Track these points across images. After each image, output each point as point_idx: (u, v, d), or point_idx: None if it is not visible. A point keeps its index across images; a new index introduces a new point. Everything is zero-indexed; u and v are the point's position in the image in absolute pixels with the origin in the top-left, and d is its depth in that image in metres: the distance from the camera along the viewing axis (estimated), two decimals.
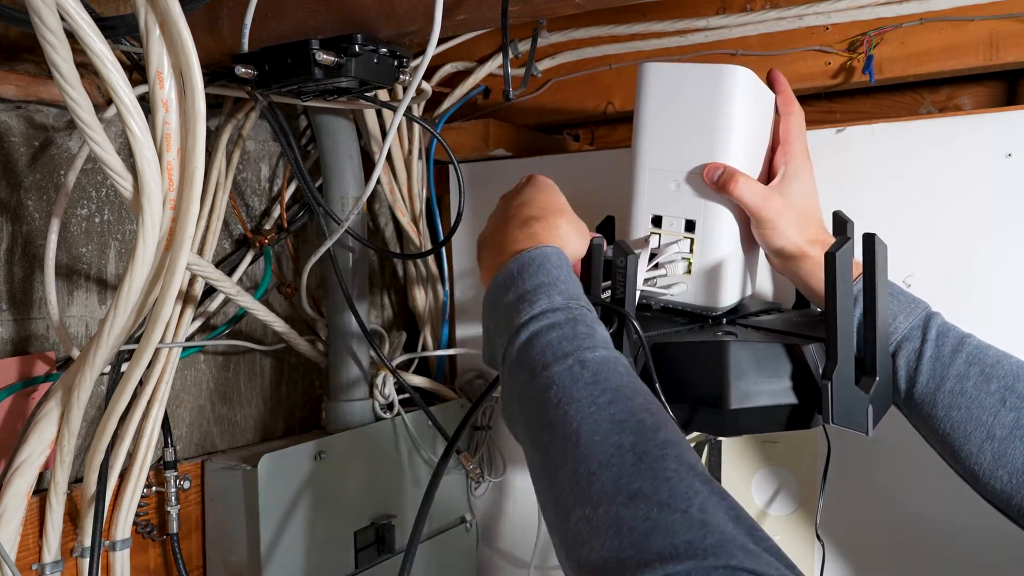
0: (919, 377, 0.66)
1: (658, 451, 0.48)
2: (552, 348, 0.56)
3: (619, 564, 0.43)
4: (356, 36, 0.74)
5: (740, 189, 0.69)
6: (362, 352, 1.02)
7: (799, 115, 0.76)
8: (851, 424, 0.64)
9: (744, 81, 0.70)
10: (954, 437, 0.64)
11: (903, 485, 0.85)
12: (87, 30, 0.55)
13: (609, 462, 0.48)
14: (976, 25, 0.87)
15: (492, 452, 1.13)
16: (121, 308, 0.64)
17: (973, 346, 0.66)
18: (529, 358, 0.57)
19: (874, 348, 0.65)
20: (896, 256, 0.85)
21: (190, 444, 0.93)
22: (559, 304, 0.59)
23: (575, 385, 0.53)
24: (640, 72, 0.73)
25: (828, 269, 0.63)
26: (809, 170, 0.75)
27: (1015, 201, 0.81)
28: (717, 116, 0.70)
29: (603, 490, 0.47)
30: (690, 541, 0.42)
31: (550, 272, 0.61)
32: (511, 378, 0.59)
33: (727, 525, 0.44)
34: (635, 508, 0.45)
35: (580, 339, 0.57)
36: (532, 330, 0.58)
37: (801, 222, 0.71)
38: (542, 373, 0.55)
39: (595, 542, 0.45)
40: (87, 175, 0.84)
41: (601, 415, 0.51)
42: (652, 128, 0.73)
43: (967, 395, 0.64)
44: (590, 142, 1.23)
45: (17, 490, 0.72)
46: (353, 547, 0.95)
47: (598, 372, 0.54)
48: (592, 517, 0.46)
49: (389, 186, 1.06)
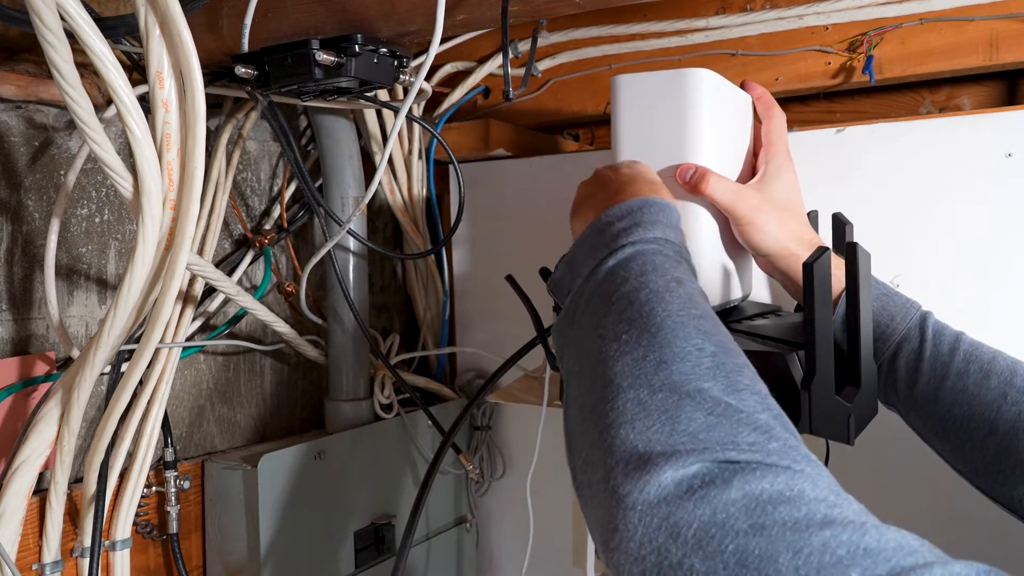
0: (920, 376, 0.66)
1: (736, 367, 0.47)
2: (654, 265, 0.55)
3: (668, 448, 0.41)
4: (356, 36, 0.74)
5: (712, 187, 0.68)
6: (362, 352, 1.02)
7: (780, 118, 0.76)
8: (831, 434, 0.63)
9: (706, 81, 0.71)
10: (957, 434, 0.64)
11: (903, 483, 0.85)
12: (87, 30, 0.55)
13: (685, 357, 0.46)
14: (976, 25, 0.87)
15: (492, 452, 1.13)
16: (121, 308, 0.64)
17: (968, 343, 0.67)
18: (627, 267, 0.55)
19: (858, 357, 0.65)
20: (896, 256, 0.85)
21: (190, 444, 0.93)
22: (674, 240, 0.58)
23: (669, 294, 0.51)
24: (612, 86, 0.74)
25: (806, 279, 0.63)
26: (791, 169, 0.75)
27: (1015, 201, 0.81)
28: (684, 118, 0.70)
29: (669, 379, 0.45)
30: (753, 443, 0.41)
31: (671, 220, 0.60)
32: (599, 282, 0.56)
33: (791, 439, 0.42)
34: (699, 402, 0.43)
35: (682, 271, 0.55)
36: (640, 248, 0.56)
37: (783, 218, 0.71)
38: (638, 278, 0.53)
39: (642, 424, 0.43)
40: (87, 175, 0.84)
41: (689, 321, 0.49)
42: (627, 138, 0.73)
43: (968, 392, 0.64)
44: (590, 142, 1.23)
45: (17, 490, 0.72)
46: (353, 547, 0.95)
47: (692, 295, 0.53)
48: (647, 401, 0.44)
49: (389, 186, 1.06)
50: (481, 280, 1.12)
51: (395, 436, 1.02)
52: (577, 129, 1.23)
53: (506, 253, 1.09)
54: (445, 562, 1.08)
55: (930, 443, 0.68)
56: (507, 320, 1.08)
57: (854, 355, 0.65)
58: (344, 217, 0.95)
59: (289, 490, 0.88)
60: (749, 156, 0.78)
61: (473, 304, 1.13)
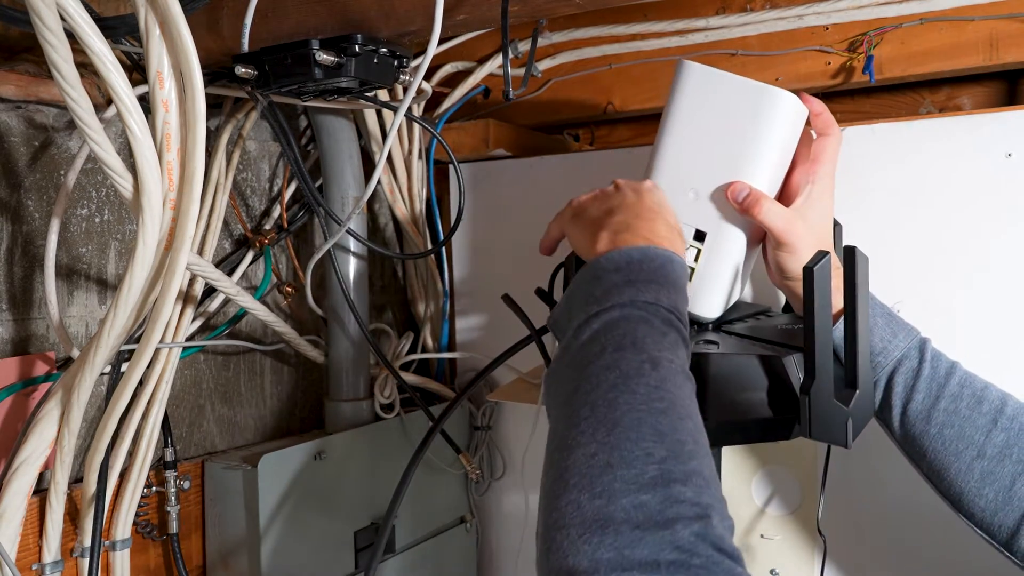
0: (915, 395, 0.68)
1: (683, 475, 0.47)
2: (634, 338, 0.55)
3: (591, 566, 0.42)
4: (356, 36, 0.74)
5: (765, 214, 0.68)
6: (362, 352, 1.02)
7: (837, 138, 0.74)
8: (830, 438, 0.64)
9: (788, 108, 0.69)
10: (945, 454, 0.66)
11: (904, 480, 0.85)
12: (87, 30, 0.55)
13: (631, 463, 0.47)
14: (976, 25, 0.87)
15: (492, 452, 1.13)
16: (121, 308, 0.64)
17: (963, 372, 0.69)
18: (609, 335, 0.55)
19: (855, 360, 0.65)
20: (896, 256, 0.85)
21: (190, 444, 0.93)
22: (665, 305, 0.58)
23: (638, 380, 0.52)
24: (679, 70, 0.71)
25: (806, 284, 0.63)
26: (831, 193, 0.73)
27: (1015, 201, 0.81)
28: (754, 138, 0.69)
29: (610, 487, 0.45)
30: (673, 561, 0.42)
31: (669, 276, 0.60)
32: (581, 346, 0.57)
33: (714, 555, 0.43)
34: (630, 515, 0.44)
35: (664, 346, 0.55)
36: (626, 313, 0.56)
37: (817, 245, 0.71)
38: (613, 353, 0.53)
39: (575, 531, 0.44)
40: (87, 175, 0.84)
41: (647, 418, 0.49)
42: (680, 132, 0.72)
43: (960, 415, 0.66)
44: (590, 142, 1.23)
45: (17, 490, 0.72)
46: (353, 547, 0.95)
47: (665, 380, 0.52)
48: (585, 507, 0.45)
49: (389, 186, 1.06)
50: (481, 280, 1.12)
51: (395, 436, 1.02)
52: (577, 129, 1.23)
53: (506, 253, 1.09)
54: (445, 562, 1.08)
55: (917, 464, 0.70)
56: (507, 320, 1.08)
57: (852, 358, 0.65)
58: (344, 217, 0.95)
59: (289, 490, 0.88)
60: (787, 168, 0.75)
61: (473, 304, 1.13)
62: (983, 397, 0.67)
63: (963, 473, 0.65)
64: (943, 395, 0.67)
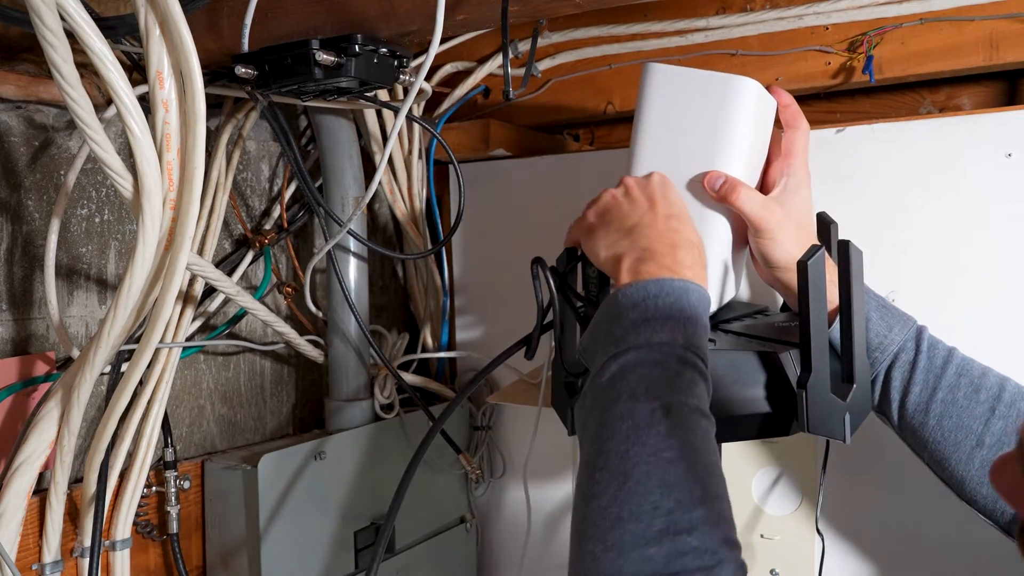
0: (913, 387, 0.68)
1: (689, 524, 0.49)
2: (647, 384, 0.56)
3: None
4: (356, 36, 0.74)
5: (742, 200, 0.69)
6: (362, 352, 1.02)
7: (805, 131, 0.75)
8: (828, 432, 0.64)
9: (753, 94, 0.70)
10: (944, 445, 0.67)
11: (903, 478, 0.85)
12: (87, 30, 0.55)
13: (639, 517, 0.50)
14: (976, 25, 0.87)
15: (492, 452, 1.13)
16: (121, 308, 0.64)
17: (960, 359, 0.69)
18: (624, 381, 0.57)
19: (851, 354, 0.65)
20: (896, 256, 0.85)
21: (190, 444, 0.93)
22: (681, 343, 0.58)
23: (648, 430, 0.54)
24: (644, 72, 0.72)
25: (800, 278, 0.63)
26: (808, 184, 0.75)
27: (1015, 201, 0.81)
28: (723, 126, 0.69)
29: (620, 540, 0.49)
30: None
31: (684, 311, 0.60)
32: (600, 390, 0.59)
33: None
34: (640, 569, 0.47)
35: (679, 387, 0.56)
36: (642, 357, 0.58)
37: (799, 233, 0.71)
38: (627, 403, 0.56)
39: None
40: (87, 175, 0.84)
41: (656, 470, 0.52)
42: (653, 131, 0.72)
43: (958, 404, 0.67)
44: (590, 142, 1.23)
45: (17, 490, 0.72)
46: (353, 547, 0.95)
47: (675, 427, 0.54)
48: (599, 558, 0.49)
49: (389, 186, 1.06)
50: (481, 280, 1.12)
51: (395, 436, 1.02)
52: (577, 129, 1.23)
53: (506, 253, 1.09)
54: (445, 562, 1.08)
55: (919, 454, 0.70)
56: (507, 320, 1.08)
57: (848, 352, 0.65)
58: (344, 217, 0.95)
59: (289, 490, 0.88)
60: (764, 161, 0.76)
61: (473, 304, 1.13)
62: (980, 385, 0.67)
63: (964, 462, 0.66)
64: (940, 386, 0.67)
